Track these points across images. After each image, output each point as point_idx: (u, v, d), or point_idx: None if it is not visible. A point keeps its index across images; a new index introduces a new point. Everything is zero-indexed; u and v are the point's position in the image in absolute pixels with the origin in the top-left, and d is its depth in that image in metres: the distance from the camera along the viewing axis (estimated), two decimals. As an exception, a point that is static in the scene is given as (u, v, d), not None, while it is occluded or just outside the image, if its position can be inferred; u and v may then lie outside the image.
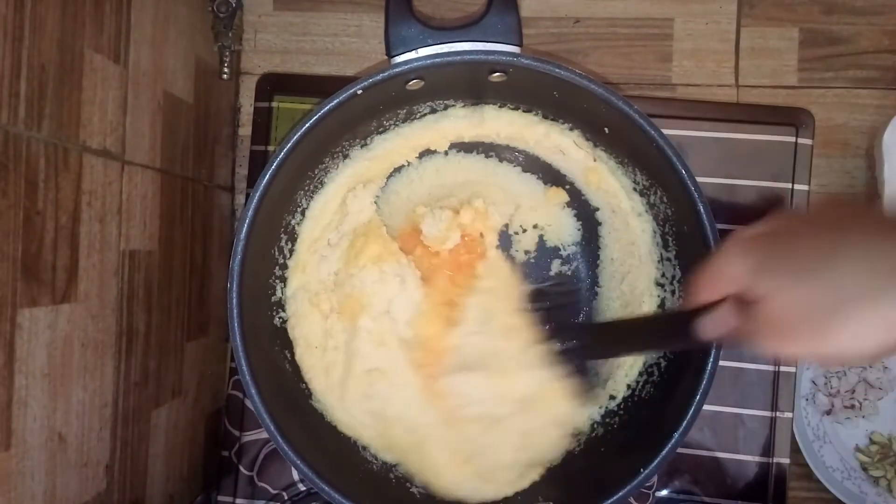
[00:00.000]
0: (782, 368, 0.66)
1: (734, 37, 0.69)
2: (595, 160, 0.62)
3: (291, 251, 0.61)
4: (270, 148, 0.69)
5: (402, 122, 0.61)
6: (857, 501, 0.65)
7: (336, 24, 0.72)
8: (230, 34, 0.69)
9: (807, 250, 0.39)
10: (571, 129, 0.61)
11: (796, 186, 0.66)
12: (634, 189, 0.61)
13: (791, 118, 0.66)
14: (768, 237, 0.42)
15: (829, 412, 0.68)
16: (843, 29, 0.69)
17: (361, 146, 0.61)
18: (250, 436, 0.67)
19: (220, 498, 0.68)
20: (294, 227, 0.61)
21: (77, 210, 0.47)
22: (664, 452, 0.53)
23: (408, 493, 0.60)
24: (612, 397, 0.63)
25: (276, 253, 0.60)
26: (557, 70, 0.53)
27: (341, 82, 0.53)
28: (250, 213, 0.52)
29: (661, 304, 0.61)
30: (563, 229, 0.66)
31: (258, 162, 0.69)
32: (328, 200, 0.61)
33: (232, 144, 0.73)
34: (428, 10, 0.70)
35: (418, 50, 0.53)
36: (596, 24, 0.70)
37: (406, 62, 0.53)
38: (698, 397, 0.53)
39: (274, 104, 0.69)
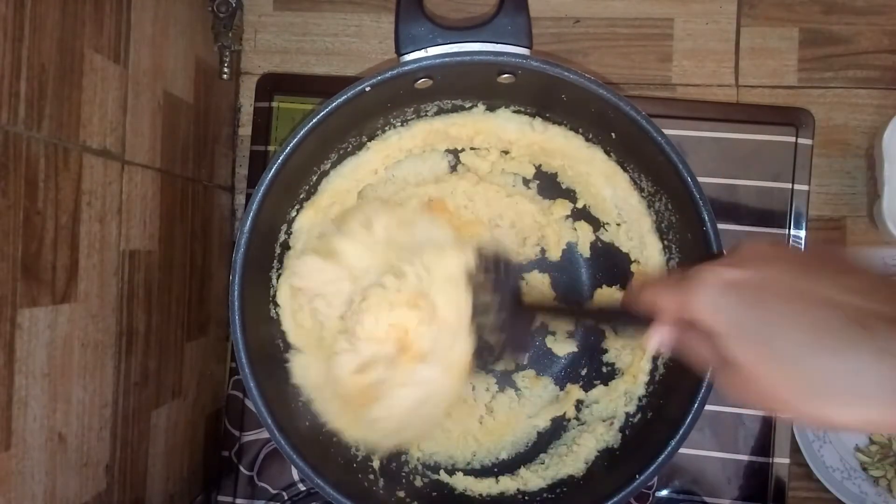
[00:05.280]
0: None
1: (734, 37, 0.69)
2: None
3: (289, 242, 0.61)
4: (270, 148, 0.69)
5: (414, 119, 0.61)
6: (857, 501, 0.65)
7: (336, 24, 0.72)
8: (230, 34, 0.69)
9: (788, 326, 0.36)
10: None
11: (796, 186, 0.66)
12: (642, 197, 0.61)
13: (791, 118, 0.66)
14: (748, 289, 0.38)
15: (829, 412, 0.68)
16: (843, 29, 0.69)
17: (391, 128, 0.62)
18: (250, 436, 0.67)
19: (220, 498, 0.68)
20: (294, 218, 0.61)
21: (77, 210, 0.47)
22: (661, 459, 0.53)
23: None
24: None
25: (276, 246, 0.60)
26: (566, 73, 0.52)
27: (341, 82, 0.53)
28: (255, 204, 0.52)
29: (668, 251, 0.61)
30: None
31: (258, 162, 0.69)
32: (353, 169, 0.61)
33: (232, 144, 0.73)
34: (429, 8, 0.70)
35: (428, 49, 0.53)
36: (596, 24, 0.70)
37: (415, 61, 0.52)
38: (696, 405, 0.53)
39: (274, 104, 0.69)
